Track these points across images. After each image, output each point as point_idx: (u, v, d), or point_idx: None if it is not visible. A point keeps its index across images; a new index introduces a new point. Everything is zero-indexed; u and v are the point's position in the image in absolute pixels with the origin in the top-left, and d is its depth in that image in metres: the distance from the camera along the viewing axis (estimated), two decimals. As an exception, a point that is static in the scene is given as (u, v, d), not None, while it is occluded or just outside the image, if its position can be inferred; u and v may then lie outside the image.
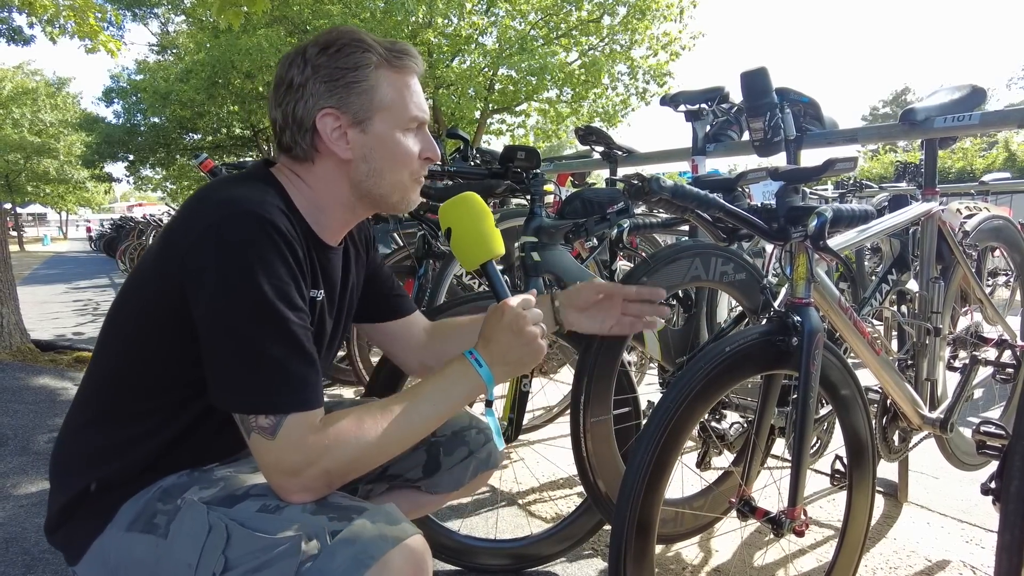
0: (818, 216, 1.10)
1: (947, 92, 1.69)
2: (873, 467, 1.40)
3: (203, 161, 3.61)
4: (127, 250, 10.39)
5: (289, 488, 0.85)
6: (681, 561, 1.76)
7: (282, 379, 0.84)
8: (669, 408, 1.11)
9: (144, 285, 0.94)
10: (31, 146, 23.82)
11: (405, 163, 1.00)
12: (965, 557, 1.78)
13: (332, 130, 0.96)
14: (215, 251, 0.84)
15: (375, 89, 0.96)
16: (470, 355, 0.97)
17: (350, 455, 0.86)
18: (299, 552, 0.79)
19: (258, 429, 0.84)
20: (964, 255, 1.79)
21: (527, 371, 1.07)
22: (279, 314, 0.85)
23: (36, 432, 2.63)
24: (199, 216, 0.88)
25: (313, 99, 0.95)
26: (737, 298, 1.64)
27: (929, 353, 1.77)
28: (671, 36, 13.37)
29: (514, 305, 0.98)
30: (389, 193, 1.02)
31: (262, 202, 0.89)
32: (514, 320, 0.97)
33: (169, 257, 0.89)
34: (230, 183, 0.97)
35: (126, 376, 0.94)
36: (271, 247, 0.86)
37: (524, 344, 0.97)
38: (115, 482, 0.92)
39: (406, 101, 0.99)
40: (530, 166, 1.76)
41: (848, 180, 4.48)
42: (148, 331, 0.92)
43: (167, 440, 0.94)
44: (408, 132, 1.00)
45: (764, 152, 1.82)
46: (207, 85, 14.19)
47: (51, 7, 5.72)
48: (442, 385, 0.96)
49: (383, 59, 0.97)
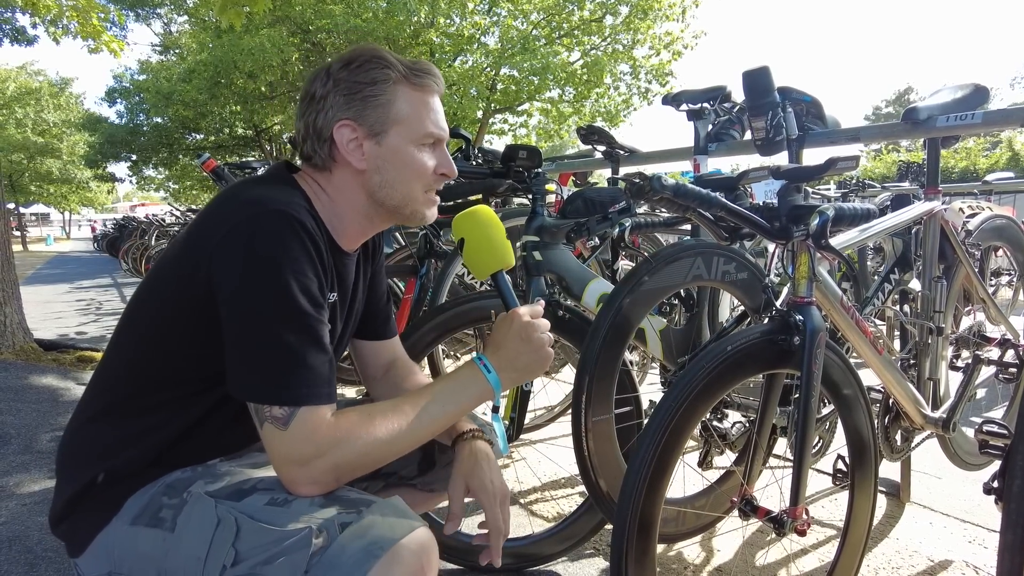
0: (820, 215, 1.10)
1: (950, 91, 1.69)
2: (875, 467, 1.40)
3: (206, 161, 3.61)
4: (130, 250, 10.42)
5: (298, 479, 0.87)
6: (683, 560, 1.76)
7: (299, 372, 0.87)
8: (671, 407, 1.12)
9: (166, 283, 0.97)
10: (34, 146, 23.88)
11: (417, 176, 1.03)
12: (968, 557, 1.78)
13: (348, 141, 1.00)
14: (244, 248, 0.87)
15: (391, 103, 1.00)
16: (479, 360, 1.00)
17: (359, 450, 0.88)
18: (311, 544, 0.81)
19: (271, 419, 0.86)
20: (967, 254, 1.78)
21: (534, 378, 1.10)
22: (302, 309, 0.88)
23: (39, 431, 2.63)
24: (227, 215, 0.91)
25: (332, 111, 0.99)
26: (739, 297, 1.64)
27: (931, 352, 1.77)
28: (673, 36, 13.35)
29: (523, 314, 1.02)
30: (402, 205, 1.04)
31: (290, 202, 0.92)
32: (523, 328, 1.00)
33: (196, 254, 0.91)
34: (255, 184, 1.00)
35: (142, 369, 0.96)
36: (299, 245, 0.89)
37: (532, 351, 1.00)
38: (122, 474, 0.93)
39: (422, 117, 1.02)
40: (532, 165, 1.76)
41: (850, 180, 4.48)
42: (168, 326, 0.94)
43: (176, 434, 0.95)
44: (423, 148, 1.03)
45: (766, 151, 1.81)
46: (209, 85, 14.20)
47: (54, 7, 5.73)
48: (452, 388, 0.99)
49: (402, 75, 1.01)
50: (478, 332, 2.49)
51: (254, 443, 1.02)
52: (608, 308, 1.45)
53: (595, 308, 1.66)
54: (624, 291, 1.44)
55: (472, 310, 1.79)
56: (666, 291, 1.52)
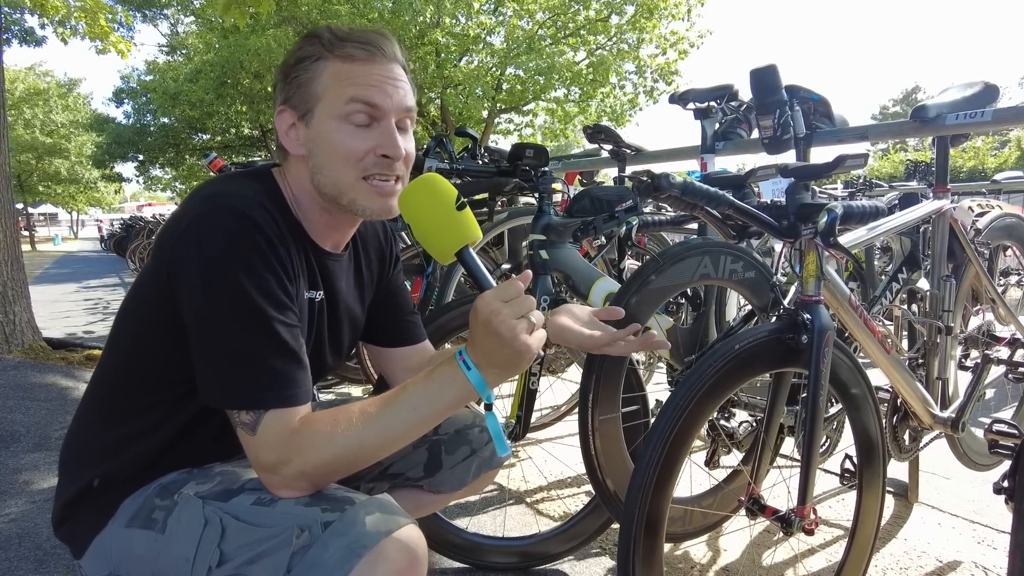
0: (828, 212, 1.09)
1: (959, 89, 1.68)
2: (883, 467, 1.39)
3: (212, 160, 3.63)
4: (137, 249, 10.46)
5: (272, 484, 0.86)
6: (689, 560, 1.76)
7: (262, 375, 0.84)
8: (679, 406, 1.11)
9: (144, 284, 0.95)
10: (43, 146, 24.04)
11: (345, 157, 0.92)
12: (977, 558, 1.76)
13: (288, 128, 0.96)
14: (195, 247, 0.84)
15: (314, 79, 0.93)
16: (459, 356, 0.85)
17: (323, 457, 0.83)
18: (291, 543, 0.80)
19: (241, 424, 0.84)
20: (976, 253, 1.77)
21: (519, 372, 0.93)
22: (258, 310, 0.84)
23: (48, 428, 2.65)
24: (185, 213, 0.88)
25: (276, 100, 0.97)
26: (746, 296, 1.63)
27: (940, 352, 1.75)
28: (679, 35, 13.32)
29: (488, 299, 0.81)
30: (336, 193, 0.94)
31: (243, 197, 0.88)
32: (488, 316, 0.80)
33: (160, 255, 0.90)
34: (221, 180, 0.97)
35: (132, 371, 0.95)
36: (249, 242, 0.85)
37: (504, 344, 0.80)
38: (117, 478, 0.93)
39: (342, 87, 0.91)
40: (539, 164, 1.76)
41: (857, 179, 4.45)
42: (148, 329, 0.93)
43: (168, 437, 0.94)
44: (347, 123, 0.92)
45: (774, 150, 1.81)
46: (216, 85, 14.26)
47: (62, 8, 5.77)
48: (429, 389, 0.85)
49: (325, 48, 0.93)
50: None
51: None
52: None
53: (602, 307, 1.66)
54: (631, 290, 1.44)
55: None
56: (673, 290, 1.51)
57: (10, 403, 2.92)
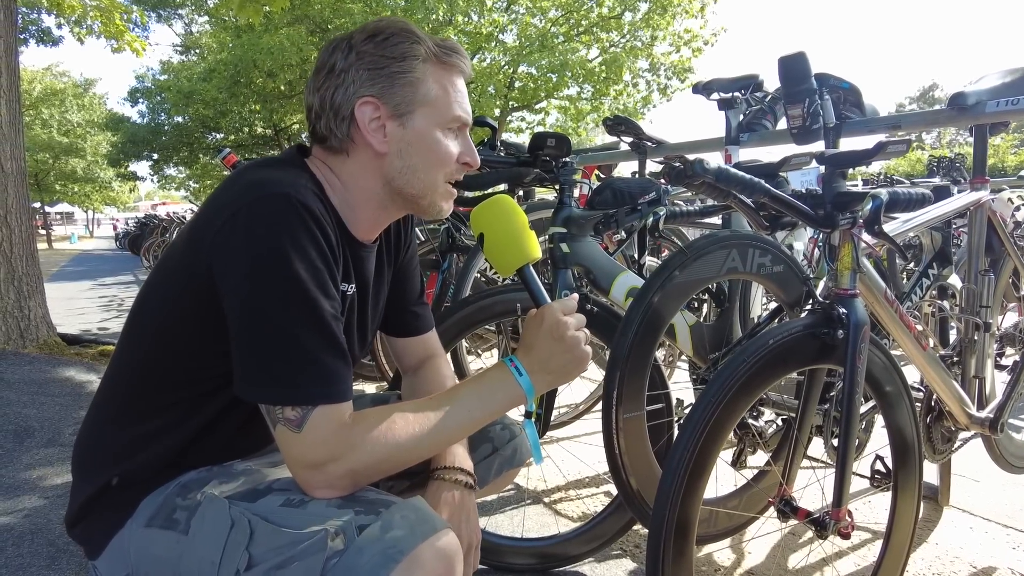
0: (873, 199, 1.04)
1: (998, 75, 1.61)
2: (920, 468, 1.34)
3: (226, 156, 3.62)
4: (151, 247, 10.55)
5: (313, 483, 0.82)
6: (712, 563, 1.71)
7: (312, 369, 0.81)
8: (710, 403, 1.07)
9: (170, 276, 0.91)
10: (59, 146, 24.27)
11: (441, 163, 0.95)
12: (1013, 564, 1.70)
13: (371, 120, 0.92)
14: (244, 234, 0.80)
15: (420, 82, 0.92)
16: (510, 362, 0.92)
17: (378, 456, 0.82)
18: (326, 547, 0.76)
19: (284, 421, 0.80)
20: (1015, 247, 1.71)
21: (571, 380, 0.99)
22: (312, 300, 0.81)
23: (62, 424, 2.64)
24: (228, 200, 0.84)
25: (354, 86, 0.91)
26: (774, 291, 1.58)
27: (977, 349, 1.69)
28: (693, 32, 13.23)
29: (555, 310, 0.93)
30: (421, 194, 0.97)
31: (294, 183, 0.85)
32: (555, 326, 0.91)
33: (197, 244, 0.85)
34: (260, 166, 0.93)
35: (152, 369, 0.91)
36: (304, 230, 0.82)
37: (566, 351, 0.92)
38: (137, 477, 0.90)
39: (451, 99, 0.94)
40: (560, 154, 1.71)
41: (877, 175, 4.38)
42: (176, 323, 0.89)
43: (190, 435, 0.91)
44: (448, 132, 0.96)
45: (802, 140, 1.75)
46: (229, 84, 14.34)
47: (79, 8, 5.81)
48: (480, 392, 0.91)
49: (432, 53, 0.93)
50: (501, 328, 2.45)
51: (272, 443, 0.96)
52: (639, 302, 1.40)
53: (623, 303, 1.61)
54: (655, 285, 1.39)
55: (495, 304, 1.74)
56: (699, 285, 1.46)
57: (24, 398, 2.92)
